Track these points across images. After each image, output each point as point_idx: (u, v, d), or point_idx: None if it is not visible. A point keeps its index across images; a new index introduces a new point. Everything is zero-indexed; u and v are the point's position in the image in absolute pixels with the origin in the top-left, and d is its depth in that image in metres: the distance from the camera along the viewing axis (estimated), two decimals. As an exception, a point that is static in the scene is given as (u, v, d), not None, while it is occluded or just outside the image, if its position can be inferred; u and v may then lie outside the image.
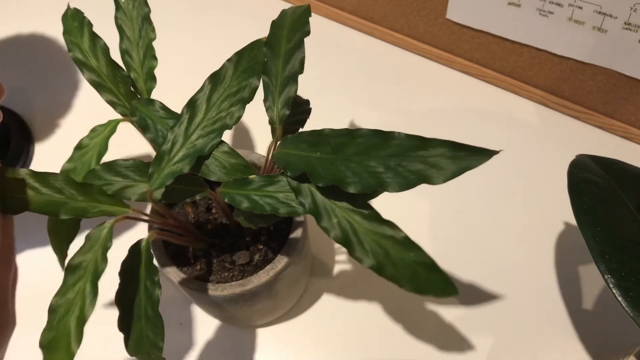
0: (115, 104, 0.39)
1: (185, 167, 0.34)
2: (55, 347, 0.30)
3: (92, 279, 0.31)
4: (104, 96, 0.39)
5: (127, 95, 0.39)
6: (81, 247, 0.32)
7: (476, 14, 0.59)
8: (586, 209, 0.37)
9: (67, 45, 0.40)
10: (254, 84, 0.35)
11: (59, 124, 0.65)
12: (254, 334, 0.49)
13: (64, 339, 0.30)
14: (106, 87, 0.39)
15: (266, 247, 0.42)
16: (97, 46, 0.40)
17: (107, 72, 0.39)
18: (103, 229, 0.33)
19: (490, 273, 0.51)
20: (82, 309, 0.30)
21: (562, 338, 0.47)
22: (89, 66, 0.39)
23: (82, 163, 0.38)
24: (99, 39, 0.40)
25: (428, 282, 0.30)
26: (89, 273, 0.31)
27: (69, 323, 0.30)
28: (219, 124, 0.35)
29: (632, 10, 0.48)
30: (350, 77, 0.67)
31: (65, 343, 0.30)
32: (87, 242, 0.32)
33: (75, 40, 0.40)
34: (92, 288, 0.31)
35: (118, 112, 0.40)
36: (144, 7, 0.41)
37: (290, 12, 0.37)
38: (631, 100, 0.56)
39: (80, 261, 0.32)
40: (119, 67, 0.40)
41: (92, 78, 0.39)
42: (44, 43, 0.74)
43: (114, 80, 0.39)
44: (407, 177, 0.29)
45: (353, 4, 0.69)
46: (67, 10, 0.41)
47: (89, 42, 0.40)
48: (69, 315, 0.30)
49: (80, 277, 0.31)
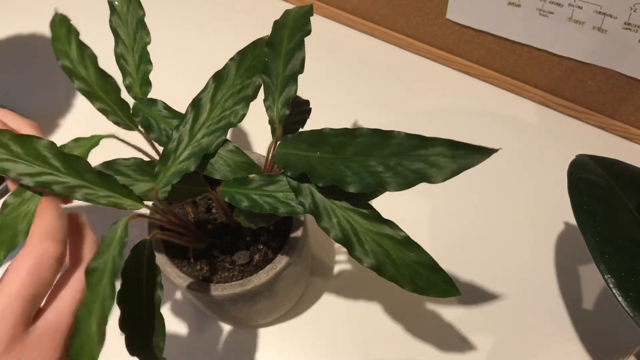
0: (107, 112, 0.39)
1: (192, 165, 0.34)
2: (82, 354, 0.29)
3: (110, 278, 0.30)
4: (95, 105, 0.39)
5: (118, 103, 0.39)
6: (98, 251, 0.32)
7: (476, 14, 0.59)
8: (586, 209, 0.37)
9: (56, 53, 0.39)
10: (257, 82, 0.35)
11: (59, 124, 0.65)
12: (254, 333, 0.49)
13: (88, 344, 0.29)
14: (96, 96, 0.39)
15: (266, 247, 0.42)
16: (85, 55, 0.39)
17: (97, 80, 0.39)
18: (117, 227, 0.32)
19: (490, 273, 0.51)
20: (104, 310, 0.29)
21: (562, 338, 0.47)
22: (78, 75, 0.39)
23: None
24: (87, 47, 0.39)
25: (429, 282, 0.30)
26: (108, 273, 0.30)
27: (92, 327, 0.29)
28: (224, 122, 0.35)
29: (632, 10, 0.48)
30: (350, 77, 0.67)
31: (88, 348, 0.29)
32: (103, 244, 0.32)
33: (64, 49, 0.40)
34: (111, 288, 0.30)
35: (110, 120, 0.40)
36: (139, 10, 0.41)
37: (293, 13, 0.37)
38: (631, 100, 0.56)
39: (96, 265, 0.31)
40: (108, 76, 0.39)
41: (82, 87, 0.39)
42: (44, 43, 0.74)
43: (105, 89, 0.39)
44: (407, 176, 0.29)
45: (353, 4, 0.69)
46: (54, 16, 0.41)
47: (77, 50, 0.39)
48: (90, 319, 0.29)
49: (98, 280, 0.30)
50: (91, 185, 0.33)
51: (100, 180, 0.33)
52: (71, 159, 0.33)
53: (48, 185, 0.32)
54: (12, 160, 0.32)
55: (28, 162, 0.32)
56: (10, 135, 0.32)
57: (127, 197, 0.34)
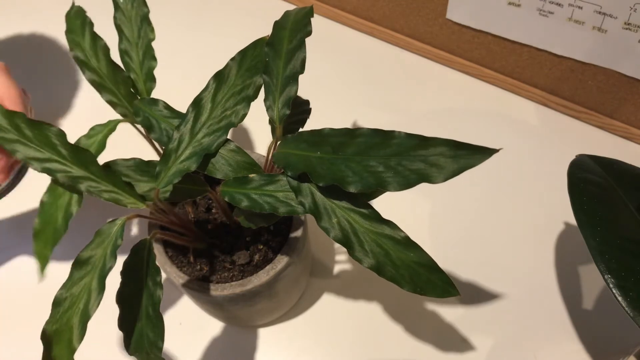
0: (116, 104, 0.40)
1: (193, 165, 0.34)
2: (57, 341, 0.30)
3: (100, 275, 0.31)
4: (104, 96, 0.40)
5: (127, 95, 0.39)
6: (90, 242, 0.32)
7: (476, 14, 0.59)
8: (586, 209, 0.37)
9: (69, 44, 0.40)
10: (258, 82, 0.35)
11: (59, 124, 0.65)
12: (254, 334, 0.49)
13: (66, 333, 0.30)
14: (106, 88, 0.39)
15: (266, 247, 0.42)
16: (98, 46, 0.40)
17: (108, 72, 0.39)
18: (114, 225, 0.32)
19: (490, 273, 0.51)
20: (87, 305, 0.30)
21: (562, 338, 0.47)
22: (89, 66, 0.40)
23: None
24: (100, 39, 0.40)
25: (429, 282, 0.30)
26: (96, 269, 0.31)
27: (73, 318, 0.30)
28: (225, 122, 0.35)
29: (632, 10, 0.48)
30: (350, 77, 0.67)
31: (67, 338, 0.30)
32: (97, 238, 0.32)
33: (77, 40, 0.40)
34: (98, 284, 0.31)
35: (118, 112, 0.40)
36: (143, 7, 0.41)
37: (294, 13, 0.37)
38: (631, 100, 0.56)
39: (89, 256, 0.32)
40: (119, 68, 0.40)
41: (93, 78, 0.40)
42: (44, 43, 0.74)
43: (114, 81, 0.39)
44: (407, 177, 0.29)
45: (353, 4, 0.69)
46: (71, 7, 0.41)
47: (90, 41, 0.40)
48: (72, 310, 0.30)
49: (87, 272, 0.31)
50: (95, 178, 0.33)
51: (105, 174, 0.34)
52: (78, 150, 0.33)
53: (53, 173, 0.33)
54: (23, 144, 0.33)
55: (37, 147, 0.33)
56: (24, 118, 0.33)
57: (129, 195, 0.34)
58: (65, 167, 0.33)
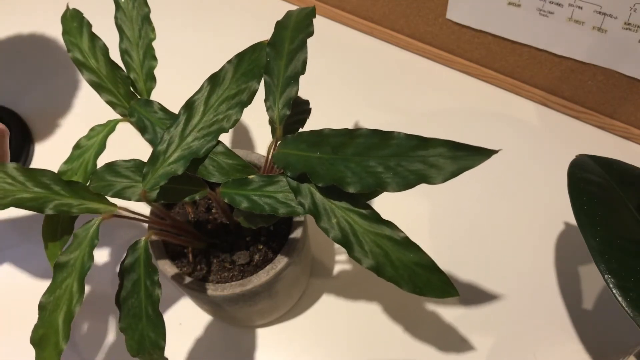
0: (115, 104, 0.39)
1: (180, 168, 0.34)
2: (45, 345, 0.30)
3: (79, 277, 0.31)
4: (104, 97, 0.39)
5: (127, 95, 0.39)
6: (69, 246, 0.33)
7: (476, 14, 0.59)
8: (586, 209, 0.37)
9: (67, 45, 0.40)
10: (253, 87, 0.35)
11: (59, 124, 0.65)
12: (254, 334, 0.49)
13: (53, 336, 0.30)
14: (105, 88, 0.39)
15: (266, 247, 0.42)
16: (97, 47, 0.40)
17: (107, 72, 0.39)
18: (90, 227, 0.33)
19: (490, 273, 0.51)
20: (70, 306, 0.31)
21: (562, 338, 0.47)
22: (88, 67, 0.40)
23: (80, 163, 0.38)
24: (98, 39, 0.40)
25: (428, 283, 0.30)
26: (76, 271, 0.31)
27: (57, 320, 0.30)
28: (216, 126, 0.35)
29: (632, 10, 0.48)
30: (350, 77, 0.67)
31: (53, 340, 0.30)
32: (75, 240, 0.33)
33: (75, 41, 0.40)
34: (78, 286, 0.31)
35: (118, 112, 0.40)
36: (144, 7, 0.41)
37: (296, 14, 0.37)
38: (631, 100, 0.56)
39: (67, 259, 0.32)
40: (118, 68, 0.40)
41: (92, 78, 0.39)
42: (44, 43, 0.74)
43: (114, 81, 0.39)
44: (406, 177, 0.29)
45: (353, 4, 0.69)
46: (66, 10, 0.41)
47: (89, 42, 0.40)
48: (57, 312, 0.31)
49: (68, 274, 0.31)
50: (60, 197, 0.33)
51: (70, 189, 0.34)
52: (36, 173, 0.33)
53: (21, 204, 0.33)
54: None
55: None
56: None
57: (99, 203, 0.34)
58: (28, 195, 0.33)
